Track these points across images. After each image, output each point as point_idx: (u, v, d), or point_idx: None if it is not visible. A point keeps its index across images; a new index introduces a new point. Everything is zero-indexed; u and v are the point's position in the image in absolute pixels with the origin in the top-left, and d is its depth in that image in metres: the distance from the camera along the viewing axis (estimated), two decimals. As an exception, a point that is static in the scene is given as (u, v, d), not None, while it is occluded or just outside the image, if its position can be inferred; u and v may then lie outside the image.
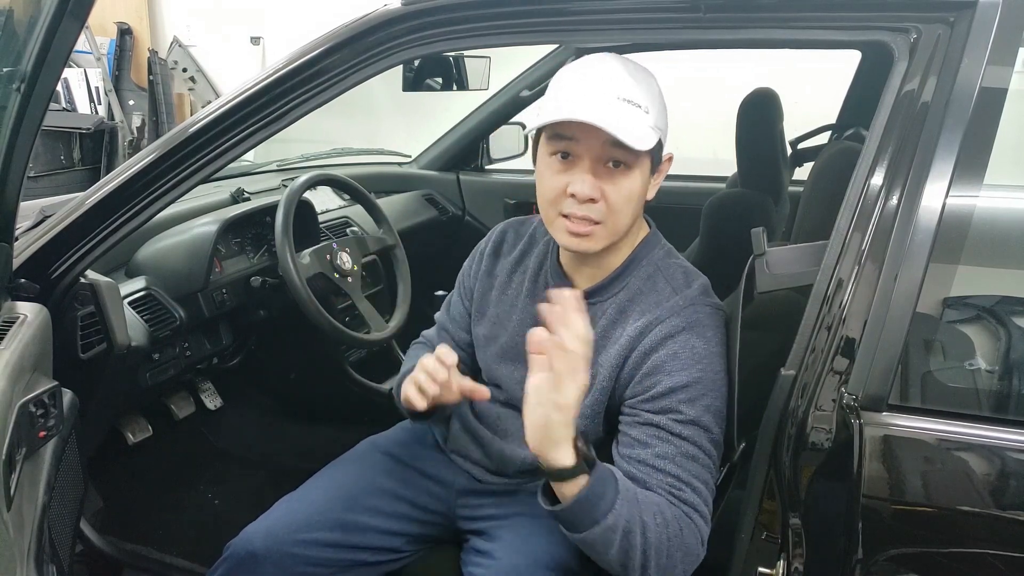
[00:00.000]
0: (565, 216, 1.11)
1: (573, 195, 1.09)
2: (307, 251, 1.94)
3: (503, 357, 1.28)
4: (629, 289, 1.18)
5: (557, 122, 1.06)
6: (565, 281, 1.23)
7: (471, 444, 1.32)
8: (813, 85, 2.76)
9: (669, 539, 1.02)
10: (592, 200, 1.08)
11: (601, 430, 1.19)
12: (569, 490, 0.99)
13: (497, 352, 1.29)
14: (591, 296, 1.20)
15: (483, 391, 1.15)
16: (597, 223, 1.10)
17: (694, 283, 1.18)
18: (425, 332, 1.46)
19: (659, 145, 1.11)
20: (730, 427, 1.12)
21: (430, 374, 1.12)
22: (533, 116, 1.13)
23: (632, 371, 1.13)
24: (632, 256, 1.19)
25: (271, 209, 1.99)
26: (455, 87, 2.40)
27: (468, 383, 1.15)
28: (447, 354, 1.12)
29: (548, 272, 1.26)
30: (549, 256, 1.27)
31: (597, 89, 1.07)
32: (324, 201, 2.39)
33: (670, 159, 1.17)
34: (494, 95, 2.67)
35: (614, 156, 1.08)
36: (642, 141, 1.06)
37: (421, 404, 1.14)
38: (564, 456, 0.98)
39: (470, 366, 1.37)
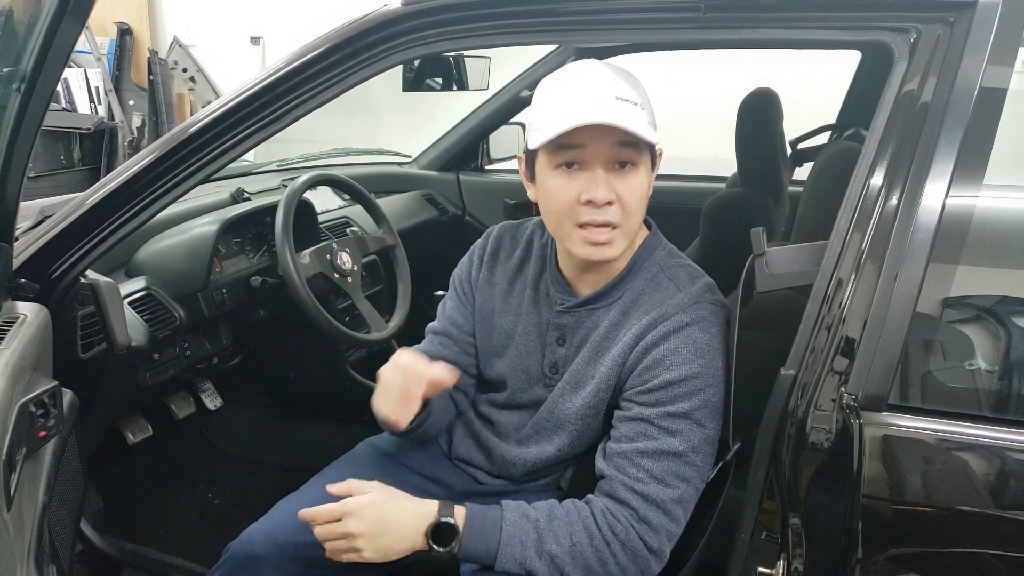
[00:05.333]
0: (581, 226, 1.10)
1: (589, 201, 1.08)
2: (307, 251, 1.94)
3: (511, 368, 1.28)
4: (633, 291, 1.18)
5: (563, 132, 1.05)
6: (567, 289, 1.23)
7: (474, 448, 1.32)
8: (813, 85, 2.76)
9: (596, 549, 1.07)
10: (609, 203, 1.08)
11: (600, 427, 1.19)
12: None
13: (504, 365, 1.29)
14: (595, 301, 1.20)
15: (449, 378, 1.15)
16: (616, 227, 1.10)
17: (698, 281, 1.19)
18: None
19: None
20: (726, 426, 1.12)
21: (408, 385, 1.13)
22: (535, 135, 1.11)
23: (633, 365, 1.14)
24: (634, 259, 1.19)
25: (271, 209, 1.99)
26: (455, 87, 2.40)
27: (437, 373, 1.13)
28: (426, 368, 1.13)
29: (549, 280, 1.25)
30: (548, 263, 1.26)
31: (596, 92, 1.07)
32: (324, 201, 2.40)
33: (660, 153, 1.17)
34: (494, 95, 2.67)
35: (622, 157, 1.08)
36: (650, 135, 1.07)
37: (405, 418, 1.16)
38: (418, 546, 1.09)
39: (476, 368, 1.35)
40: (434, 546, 1.08)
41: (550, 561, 1.07)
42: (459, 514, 1.09)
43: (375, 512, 1.09)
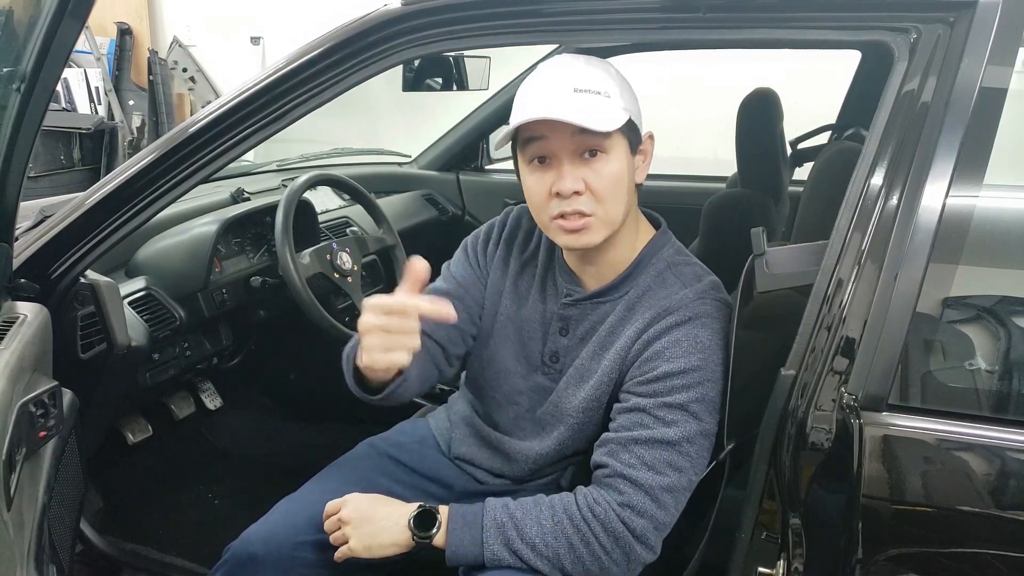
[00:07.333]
0: (557, 217, 1.12)
1: (558, 194, 1.10)
2: (307, 251, 1.94)
3: (511, 355, 1.28)
4: (639, 287, 1.19)
5: (525, 128, 1.09)
6: (574, 280, 1.23)
7: (475, 446, 1.32)
8: (813, 85, 2.76)
9: (577, 529, 1.08)
10: (577, 193, 1.09)
11: (600, 421, 1.19)
12: (439, 541, 1.12)
13: (505, 351, 1.28)
14: (601, 295, 1.21)
15: (447, 310, 1.01)
16: (589, 215, 1.11)
17: (704, 279, 1.19)
18: None
19: (632, 125, 1.12)
20: (721, 424, 1.12)
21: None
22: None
23: (634, 358, 1.14)
24: (641, 256, 1.20)
25: (271, 209, 1.99)
26: (455, 87, 2.40)
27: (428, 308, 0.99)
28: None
29: (557, 271, 1.26)
30: (556, 255, 1.27)
31: (551, 86, 1.09)
32: (324, 201, 2.40)
33: (651, 137, 1.18)
34: (494, 95, 2.67)
35: (587, 145, 1.09)
36: (606, 123, 1.07)
37: (406, 358, 1.01)
38: (400, 539, 1.13)
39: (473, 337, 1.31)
40: (416, 531, 1.12)
41: (534, 543, 1.09)
42: (443, 510, 1.14)
43: (364, 502, 1.18)
